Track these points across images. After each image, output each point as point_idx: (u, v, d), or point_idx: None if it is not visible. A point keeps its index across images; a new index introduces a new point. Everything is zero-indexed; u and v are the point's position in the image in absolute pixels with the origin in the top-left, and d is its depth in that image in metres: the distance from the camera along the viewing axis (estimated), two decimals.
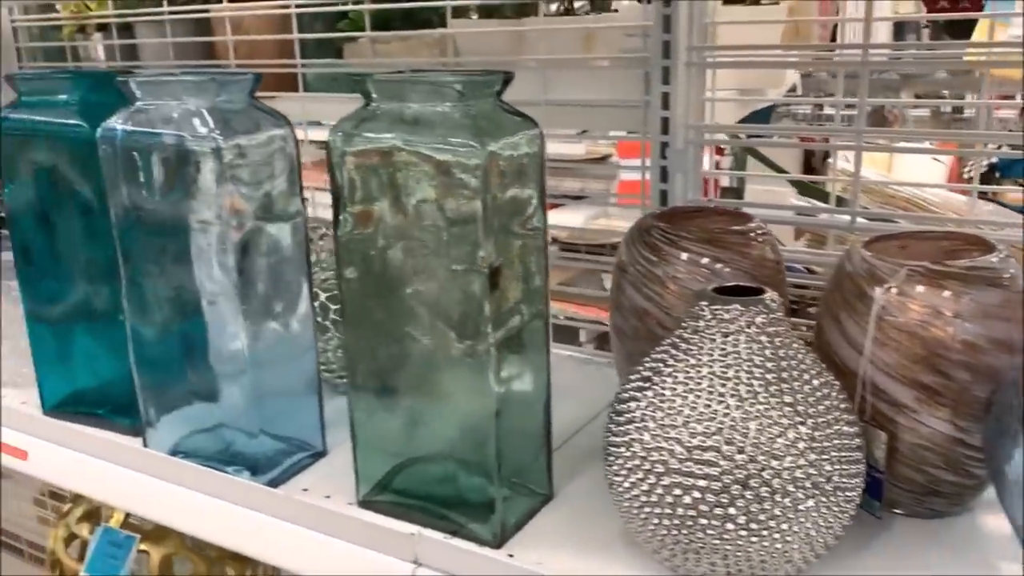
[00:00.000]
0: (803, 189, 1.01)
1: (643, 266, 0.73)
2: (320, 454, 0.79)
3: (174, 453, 0.78)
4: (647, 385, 0.59)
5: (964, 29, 2.23)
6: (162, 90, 0.69)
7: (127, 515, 0.95)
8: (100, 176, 0.77)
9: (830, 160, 1.62)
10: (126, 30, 1.40)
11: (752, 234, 0.74)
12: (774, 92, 1.18)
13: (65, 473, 0.83)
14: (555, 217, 1.31)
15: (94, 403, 0.87)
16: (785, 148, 1.45)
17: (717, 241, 0.72)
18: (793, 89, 1.33)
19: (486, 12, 1.07)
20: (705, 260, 0.72)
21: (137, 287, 0.74)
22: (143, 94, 0.70)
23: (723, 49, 0.91)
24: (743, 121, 1.07)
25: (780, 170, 1.00)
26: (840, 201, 1.00)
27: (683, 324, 0.60)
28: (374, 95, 0.62)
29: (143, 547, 0.92)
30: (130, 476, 0.78)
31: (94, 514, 0.98)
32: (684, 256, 0.72)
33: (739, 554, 0.55)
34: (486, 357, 0.61)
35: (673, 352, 0.59)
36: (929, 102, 2.51)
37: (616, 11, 1.10)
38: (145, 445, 0.79)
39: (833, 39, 2.33)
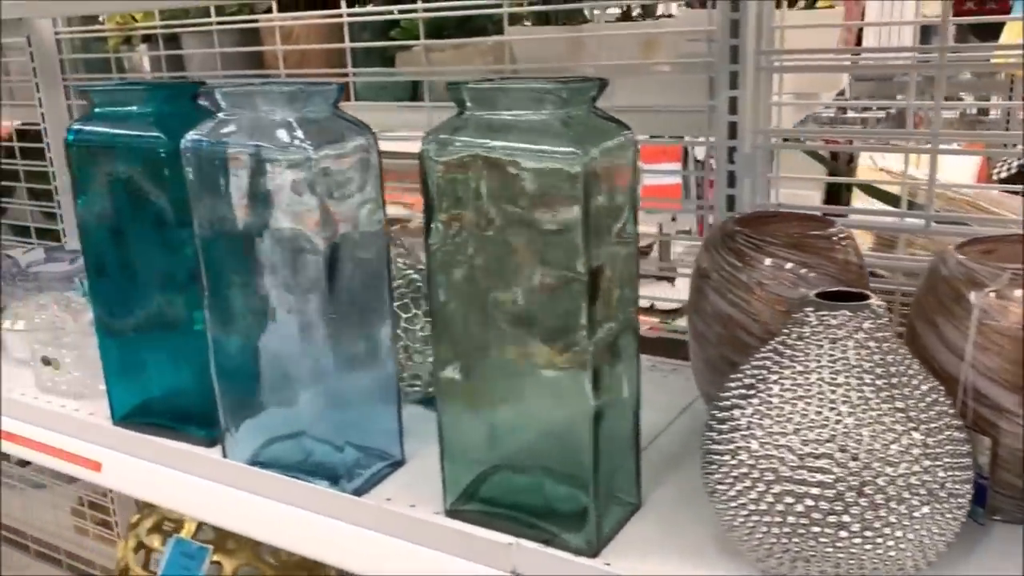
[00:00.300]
0: (869, 192, 1.00)
1: (728, 272, 0.73)
2: (398, 463, 0.79)
3: (253, 463, 0.78)
4: (751, 392, 0.58)
5: (991, 31, 2.22)
6: (248, 101, 0.69)
7: (198, 526, 0.95)
8: (176, 187, 0.77)
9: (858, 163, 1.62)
10: (172, 41, 1.40)
11: (835, 238, 0.74)
12: (826, 95, 1.18)
13: (142, 484, 0.83)
14: None
15: (164, 414, 0.87)
16: (844, 151, 1.44)
17: (803, 246, 0.72)
18: (841, 92, 1.33)
19: (542, 19, 1.07)
20: (791, 265, 0.71)
21: (219, 297, 0.74)
22: (228, 105, 0.70)
23: (791, 53, 0.91)
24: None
25: (843, 173, 0.99)
26: (900, 204, 0.99)
27: (784, 330, 0.60)
28: (468, 103, 0.62)
29: (216, 558, 0.91)
30: (209, 487, 0.78)
31: (165, 525, 0.98)
32: (770, 261, 0.71)
33: (852, 562, 0.54)
34: (583, 366, 0.60)
35: (777, 359, 0.58)
36: (983, 103, 2.50)
37: (671, 16, 1.10)
38: (225, 455, 0.79)
39: (858, 42, 2.33)
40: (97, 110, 0.82)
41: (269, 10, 1.28)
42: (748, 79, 0.89)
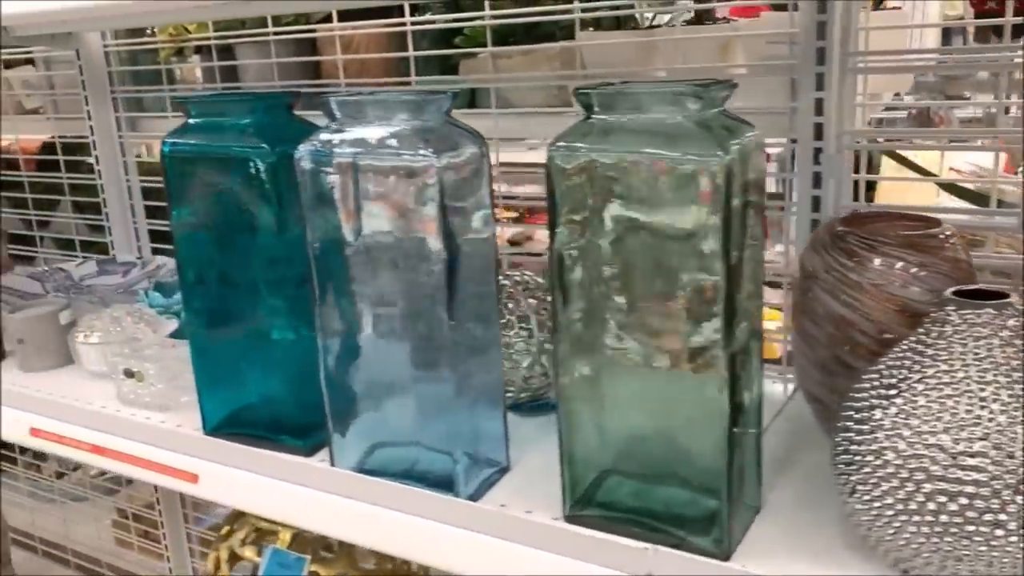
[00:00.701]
0: (953, 191, 1.00)
1: (839, 272, 0.73)
2: (505, 469, 0.79)
3: (359, 471, 0.78)
4: (893, 392, 0.58)
5: (1013, 31, 2.23)
6: (363, 109, 0.69)
7: (294, 536, 0.94)
8: (276, 196, 0.78)
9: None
10: (225, 52, 1.41)
11: (942, 236, 0.74)
12: (889, 95, 1.18)
13: (242, 495, 0.83)
14: None
15: (255, 424, 0.87)
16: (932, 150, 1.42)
17: (915, 245, 0.72)
18: (896, 94, 1.33)
19: (614, 24, 1.07)
20: (905, 264, 0.71)
21: (332, 306, 0.74)
22: (343, 114, 0.70)
23: (877, 54, 0.91)
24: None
25: (925, 173, 0.99)
26: (979, 200, 0.99)
27: (921, 329, 0.60)
28: (596, 108, 0.62)
29: (313, 568, 0.91)
30: (316, 496, 0.78)
31: (257, 536, 0.97)
32: (882, 261, 0.71)
33: (1005, 560, 0.54)
34: (719, 370, 0.60)
35: (918, 358, 0.58)
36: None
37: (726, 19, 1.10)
38: (332, 464, 0.78)
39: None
40: (193, 121, 0.82)
41: (327, 20, 1.29)
42: (834, 80, 0.89)
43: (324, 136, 0.70)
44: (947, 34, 3.11)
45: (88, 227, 1.73)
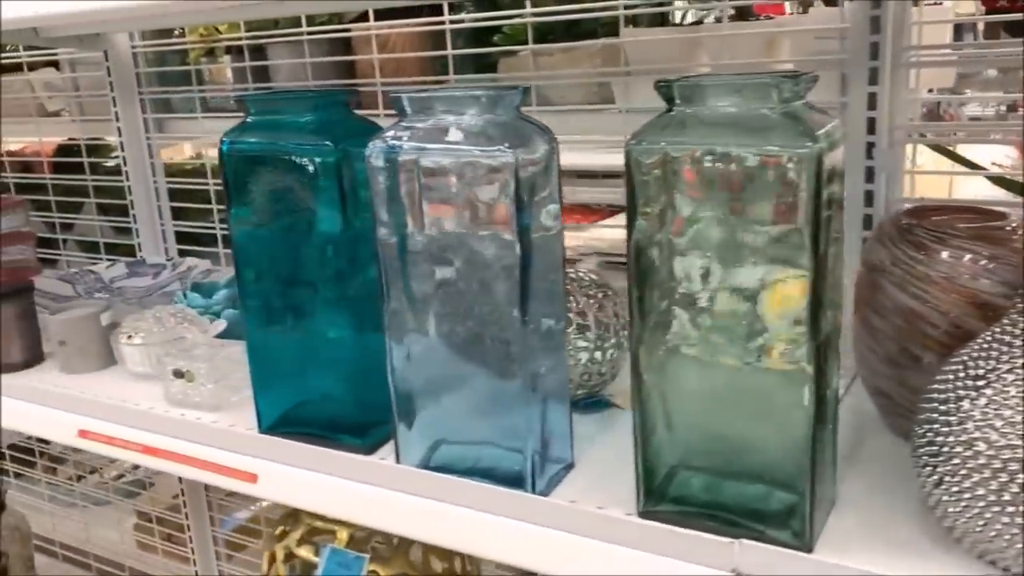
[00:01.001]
0: (1002, 184, 1.01)
1: (908, 265, 0.73)
2: (570, 466, 0.78)
3: (423, 469, 0.77)
4: (983, 383, 0.58)
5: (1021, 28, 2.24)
6: (435, 105, 0.69)
7: (351, 535, 0.94)
8: (339, 193, 0.77)
9: None
10: (256, 52, 1.40)
11: (1008, 228, 0.74)
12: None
13: (302, 494, 0.83)
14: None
15: (310, 422, 0.87)
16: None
17: (984, 237, 0.72)
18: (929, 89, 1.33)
19: (657, 20, 1.07)
20: (972, 256, 0.71)
21: (401, 303, 0.73)
22: (414, 110, 0.70)
23: (929, 48, 0.91)
24: None
25: (974, 166, 1.00)
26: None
27: (1007, 320, 0.60)
28: (678, 100, 0.62)
29: (372, 567, 0.91)
30: (380, 494, 0.78)
31: (315, 535, 0.97)
32: (951, 253, 0.71)
33: None
34: (804, 364, 0.60)
35: (1006, 349, 0.58)
36: None
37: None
38: (398, 461, 0.78)
39: None
40: (253, 119, 0.81)
41: (361, 19, 1.28)
42: (887, 75, 0.89)
43: (395, 132, 0.70)
44: (958, 30, 3.13)
45: (112, 229, 1.73)
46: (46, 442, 2.22)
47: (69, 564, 2.10)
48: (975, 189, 1.25)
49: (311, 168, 0.78)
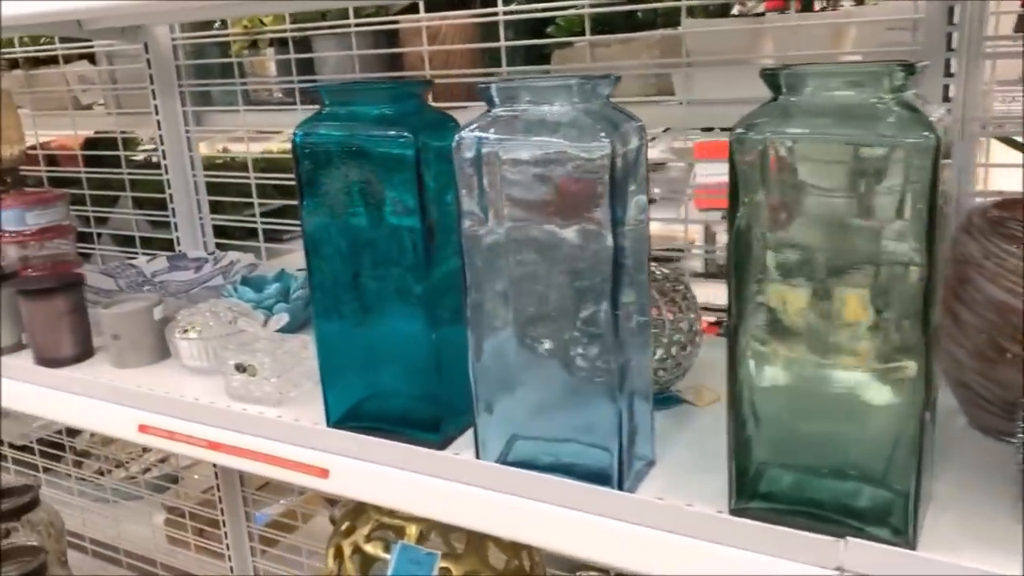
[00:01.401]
0: None
1: (1000, 258, 0.72)
2: (652, 463, 0.77)
3: (502, 464, 0.76)
4: None
5: None
6: (525, 95, 0.68)
7: (421, 532, 0.93)
8: (418, 185, 0.76)
9: None
10: (300, 44, 1.39)
11: None
12: None
13: (376, 490, 0.82)
14: None
15: (379, 417, 0.86)
16: None
17: None
18: None
19: (719, 11, 1.06)
20: None
21: (485, 296, 0.72)
22: (502, 100, 0.68)
23: (1006, 39, 0.90)
24: None
25: None
26: None
27: None
28: (785, 89, 0.61)
29: (444, 564, 0.90)
30: (459, 490, 0.77)
31: (384, 531, 0.96)
32: None
33: None
34: (915, 361, 0.59)
35: None
36: None
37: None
38: (477, 457, 0.77)
39: None
40: (329, 110, 0.80)
41: (409, 10, 1.27)
42: (963, 66, 0.88)
43: (483, 122, 0.69)
44: (1021, 21, 3.11)
45: (149, 223, 1.72)
46: (73, 436, 2.21)
47: (100, 560, 2.10)
48: None
49: (391, 159, 0.77)
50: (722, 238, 2.08)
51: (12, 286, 1.18)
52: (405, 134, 0.76)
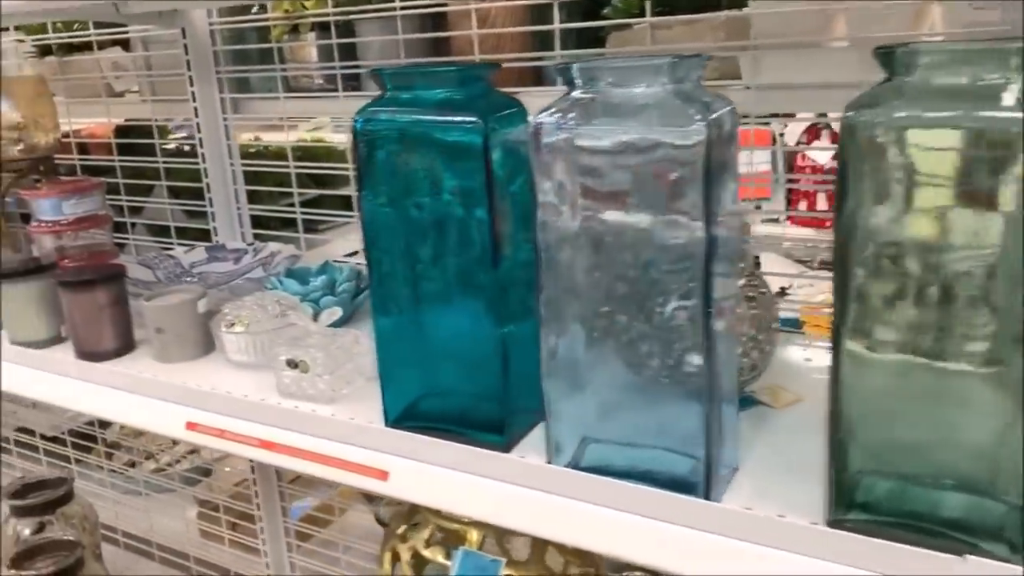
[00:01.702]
0: None
1: None
2: (735, 470, 0.73)
3: (573, 469, 0.72)
4: None
5: None
6: (609, 76, 0.63)
7: (483, 537, 0.89)
8: (487, 174, 0.72)
9: None
10: (344, 28, 1.35)
11: None
12: None
13: (439, 493, 0.78)
14: None
15: (438, 417, 0.82)
16: None
17: None
18: None
19: None
20: None
21: (563, 294, 0.68)
22: (583, 81, 0.64)
23: None
24: None
25: None
26: None
27: None
28: (900, 69, 0.56)
29: (507, 572, 0.86)
30: (529, 495, 0.73)
31: (445, 536, 0.92)
32: None
33: None
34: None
35: None
36: None
37: None
38: (549, 461, 0.73)
39: None
40: (392, 94, 0.76)
41: None
42: None
43: (564, 106, 0.64)
44: None
45: (184, 213, 1.69)
46: (105, 427, 2.19)
47: (132, 553, 2.08)
48: None
49: (456, 146, 0.73)
50: (756, 229, 2.03)
51: (51, 277, 1.15)
52: (473, 119, 0.71)
